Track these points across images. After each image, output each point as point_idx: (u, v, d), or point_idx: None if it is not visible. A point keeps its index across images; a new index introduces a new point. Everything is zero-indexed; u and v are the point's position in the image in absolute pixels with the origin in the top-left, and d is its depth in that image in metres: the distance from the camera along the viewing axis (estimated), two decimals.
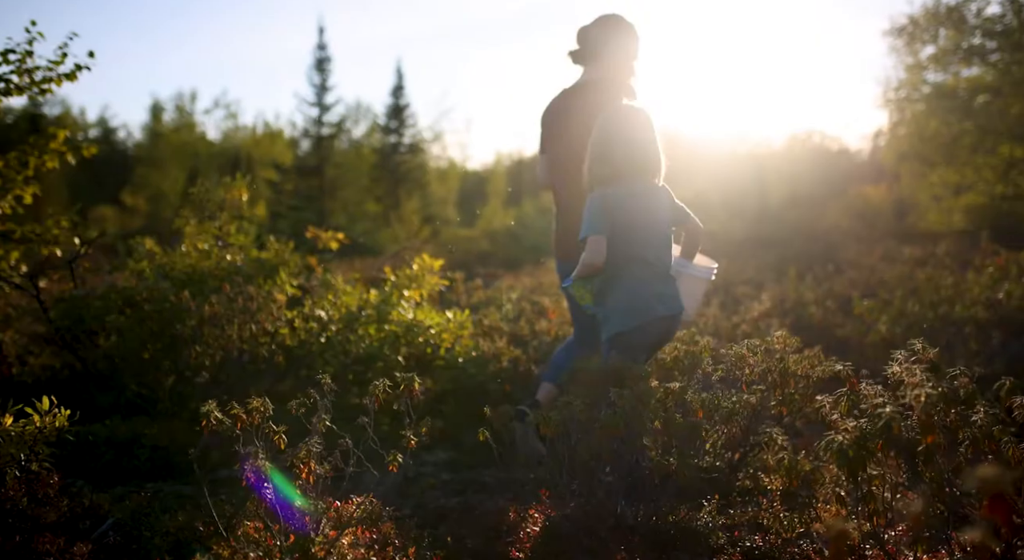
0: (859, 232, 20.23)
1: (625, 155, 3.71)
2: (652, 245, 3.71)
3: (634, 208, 3.68)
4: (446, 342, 5.24)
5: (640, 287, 3.67)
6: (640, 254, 3.68)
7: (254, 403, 2.88)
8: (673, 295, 3.74)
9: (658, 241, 3.74)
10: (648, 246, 3.70)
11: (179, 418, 4.50)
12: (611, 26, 4.37)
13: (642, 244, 3.68)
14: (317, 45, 37.36)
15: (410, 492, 4.22)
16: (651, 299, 3.66)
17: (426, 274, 5.73)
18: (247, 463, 2.59)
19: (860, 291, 9.80)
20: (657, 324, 3.67)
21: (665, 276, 3.75)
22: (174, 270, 5.53)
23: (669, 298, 3.71)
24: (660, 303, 3.67)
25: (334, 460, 2.85)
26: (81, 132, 59.41)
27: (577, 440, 3.12)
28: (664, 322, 3.69)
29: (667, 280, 3.75)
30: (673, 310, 3.71)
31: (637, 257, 3.68)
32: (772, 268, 13.25)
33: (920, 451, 2.49)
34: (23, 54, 6.64)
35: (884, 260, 12.89)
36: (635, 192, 3.71)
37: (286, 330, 5.01)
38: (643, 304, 3.65)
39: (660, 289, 3.70)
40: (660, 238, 3.75)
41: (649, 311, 3.64)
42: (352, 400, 5.06)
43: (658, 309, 3.65)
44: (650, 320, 3.64)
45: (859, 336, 7.36)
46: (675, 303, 3.73)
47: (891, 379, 2.72)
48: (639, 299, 3.66)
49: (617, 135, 3.74)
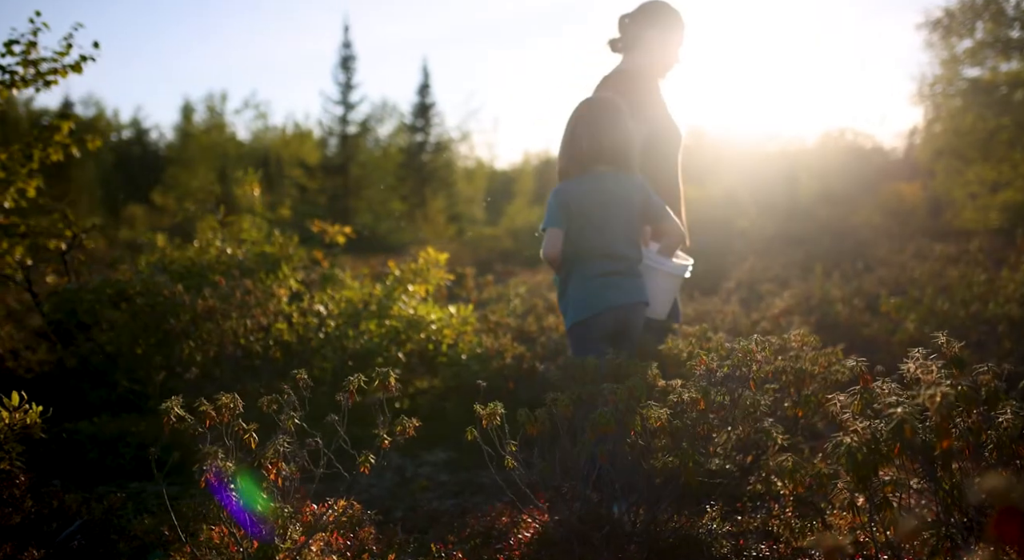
0: (891, 229, 19.77)
1: (588, 147, 3.66)
2: (613, 237, 3.64)
3: (594, 201, 3.63)
4: (448, 338, 5.04)
5: (595, 278, 3.63)
6: (598, 246, 3.63)
7: (223, 400, 2.70)
8: (633, 287, 3.67)
9: (621, 233, 3.66)
10: (608, 238, 3.63)
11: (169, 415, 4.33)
12: (650, 14, 4.21)
13: (600, 236, 3.63)
14: (342, 43, 37.30)
15: (404, 494, 4.03)
16: (605, 290, 3.61)
17: (431, 268, 5.53)
18: (207, 465, 2.41)
19: (889, 289, 9.51)
20: (610, 315, 3.61)
21: (628, 268, 3.68)
22: (173, 264, 5.38)
23: (628, 289, 3.65)
24: (615, 293, 3.61)
25: (301, 459, 2.65)
26: (114, 133, 59.98)
27: (566, 440, 2.91)
28: (618, 312, 3.62)
29: (630, 273, 3.68)
30: (628, 300, 3.63)
31: (596, 249, 3.63)
32: (799, 265, 12.92)
33: (937, 456, 2.26)
34: (27, 45, 6.54)
35: (916, 257, 12.52)
36: (597, 185, 3.65)
37: (283, 325, 4.83)
38: (596, 295, 3.61)
39: (618, 281, 3.64)
40: (622, 230, 3.66)
41: (602, 301, 3.60)
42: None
43: (611, 299, 3.60)
44: (602, 311, 3.60)
45: (886, 335, 7.09)
46: (633, 294, 3.65)
47: (907, 377, 2.49)
48: (593, 290, 3.63)
49: (581, 128, 3.70)
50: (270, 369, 4.77)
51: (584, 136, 3.68)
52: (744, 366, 3.10)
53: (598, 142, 3.65)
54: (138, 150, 55.67)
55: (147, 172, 48.71)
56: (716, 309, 7.65)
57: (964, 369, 2.49)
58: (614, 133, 3.67)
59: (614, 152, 3.67)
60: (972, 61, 19.87)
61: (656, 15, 4.20)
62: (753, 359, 3.10)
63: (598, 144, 3.66)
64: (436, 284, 5.63)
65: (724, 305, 8.07)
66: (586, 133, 3.67)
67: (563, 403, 2.82)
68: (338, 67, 37.10)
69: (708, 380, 3.04)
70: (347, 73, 36.92)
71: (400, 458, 4.49)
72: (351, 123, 37.30)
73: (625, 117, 3.72)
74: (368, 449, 2.83)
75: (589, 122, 3.70)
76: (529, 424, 2.82)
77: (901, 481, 2.44)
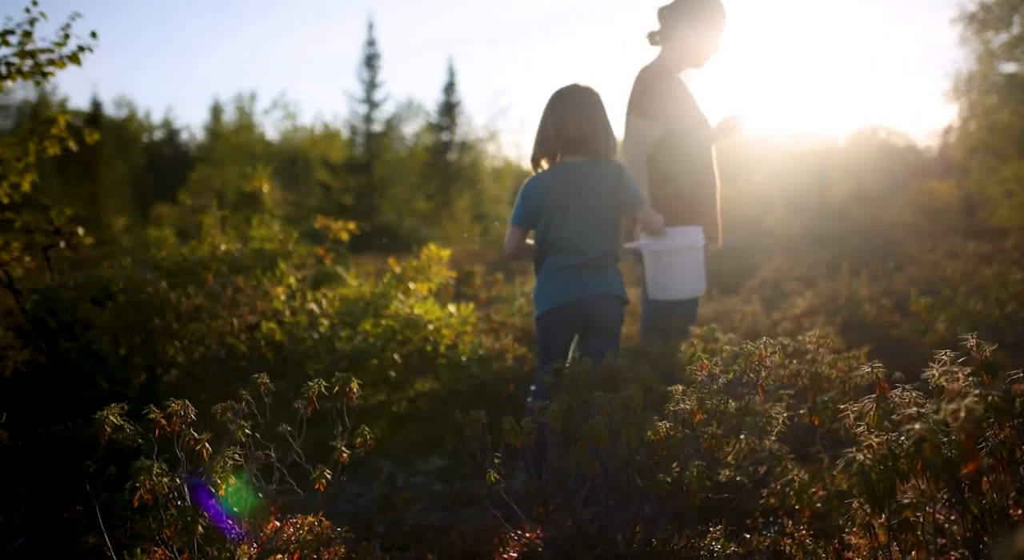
0: (923, 228, 19.28)
1: (555, 135, 3.63)
2: (577, 230, 3.58)
3: (560, 193, 3.60)
4: (447, 339, 4.78)
5: (558, 272, 3.60)
6: (562, 240, 3.59)
7: (173, 406, 2.46)
8: (596, 280, 3.59)
9: (587, 225, 3.59)
10: (572, 231, 3.58)
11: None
12: (686, 4, 4.09)
13: (564, 229, 3.59)
14: (366, 41, 37.11)
15: (391, 505, 3.78)
16: (566, 283, 3.57)
17: (433, 265, 5.28)
18: (140, 481, 2.17)
19: (920, 288, 9.15)
20: (570, 308, 3.56)
21: (594, 261, 3.60)
22: (164, 261, 5.17)
23: (589, 282, 3.58)
24: (573, 287, 3.56)
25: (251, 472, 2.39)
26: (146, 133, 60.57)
27: (555, 453, 2.65)
28: (578, 306, 3.56)
29: (596, 266, 3.60)
30: (587, 294, 3.56)
31: (559, 242, 3.59)
32: (826, 264, 12.53)
33: (964, 476, 1.97)
34: (23, 35, 6.36)
35: (948, 256, 12.11)
36: (563, 176, 3.62)
37: (273, 324, 4.60)
38: (557, 288, 3.59)
39: (579, 274, 3.58)
40: (590, 222, 3.60)
41: (560, 295, 3.57)
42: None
43: (569, 293, 3.56)
44: (560, 304, 3.56)
45: (916, 336, 6.75)
46: (594, 287, 3.58)
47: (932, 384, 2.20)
48: (554, 283, 3.61)
49: (550, 115, 3.67)
50: (259, 370, 4.53)
51: (551, 124, 3.64)
52: (752, 371, 2.81)
53: (565, 129, 3.61)
54: (169, 150, 56.15)
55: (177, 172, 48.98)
56: (735, 309, 7.34)
57: (996, 376, 2.19)
58: (581, 121, 3.61)
59: (582, 140, 3.61)
60: (1008, 56, 19.37)
61: (692, 5, 4.09)
62: (761, 364, 2.80)
63: (565, 131, 3.61)
64: (439, 282, 5.38)
65: (744, 305, 7.76)
66: (553, 121, 3.63)
67: (552, 414, 2.55)
68: (362, 65, 37.08)
69: (709, 387, 2.75)
70: (371, 71, 36.83)
71: (392, 466, 4.24)
72: (375, 121, 37.20)
73: (596, 104, 3.66)
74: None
75: (558, 110, 3.65)
76: (513, 435, 2.55)
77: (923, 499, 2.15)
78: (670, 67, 4.10)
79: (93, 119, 45.15)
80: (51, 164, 45.20)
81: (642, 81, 4.05)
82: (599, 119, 3.63)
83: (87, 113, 45.92)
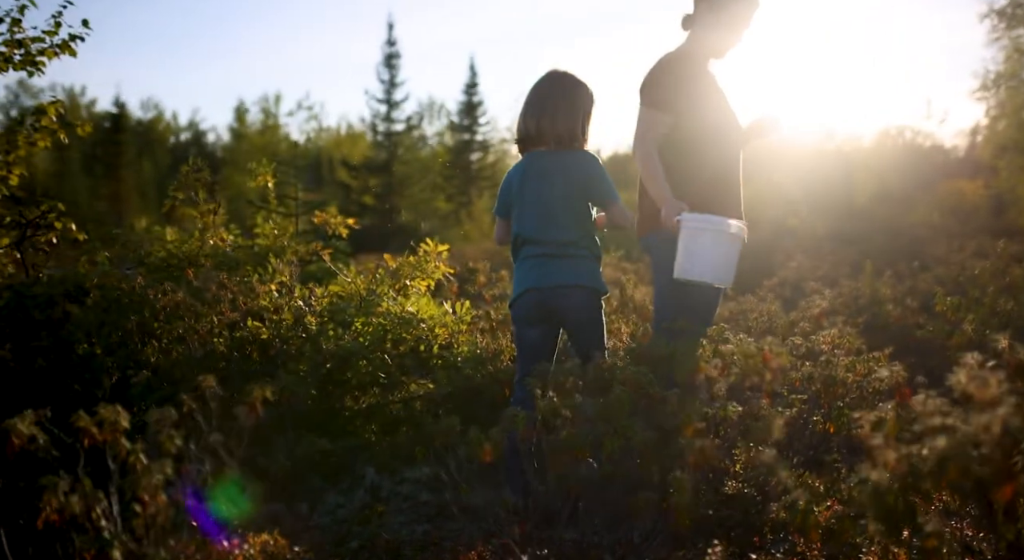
0: (950, 228, 18.84)
1: (526, 123, 3.62)
2: (542, 219, 3.54)
3: (526, 183, 3.59)
4: (441, 338, 4.51)
5: (524, 261, 3.59)
6: (527, 229, 3.57)
7: (103, 413, 2.21)
8: (556, 269, 3.50)
9: (552, 214, 3.54)
10: (536, 221, 3.55)
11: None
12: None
13: (529, 219, 3.57)
14: (386, 41, 36.88)
15: (371, 517, 3.51)
16: (528, 272, 3.55)
17: (431, 261, 5.01)
18: (44, 501, 1.91)
19: (947, 288, 8.79)
20: (530, 298, 3.52)
21: (558, 250, 3.51)
22: (150, 256, 4.94)
23: (549, 271, 3.51)
24: (533, 275, 3.52)
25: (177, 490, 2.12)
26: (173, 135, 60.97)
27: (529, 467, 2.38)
28: (536, 295, 3.51)
29: (560, 254, 3.52)
30: (545, 283, 3.49)
31: (525, 232, 3.58)
32: (850, 264, 12.18)
33: (997, 498, 1.68)
34: (12, 22, 6.15)
35: (976, 256, 11.73)
36: (531, 166, 3.60)
37: (258, 323, 4.34)
38: (518, 278, 3.60)
39: (541, 262, 3.52)
40: (556, 210, 3.54)
41: (520, 284, 3.56)
42: (333, 404, 4.40)
43: (527, 282, 3.53)
44: (520, 293, 3.54)
45: (942, 337, 6.41)
46: (553, 276, 3.49)
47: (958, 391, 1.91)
48: (517, 273, 3.62)
49: (526, 102, 3.65)
50: (243, 371, 4.29)
51: (524, 111, 3.64)
52: (755, 374, 2.51)
53: (523, 120, 3.62)
54: (195, 151, 56.44)
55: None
56: (752, 308, 7.03)
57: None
58: (552, 109, 3.58)
59: (537, 130, 3.59)
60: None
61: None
62: (767, 366, 2.51)
63: (522, 122, 3.63)
64: (438, 278, 5.11)
65: (761, 304, 7.44)
66: (527, 108, 3.63)
67: (521, 423, 2.28)
68: (382, 64, 36.89)
69: (709, 391, 2.46)
70: (391, 70, 36.68)
71: (377, 474, 3.97)
72: (395, 121, 36.98)
73: (575, 92, 3.63)
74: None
75: (534, 97, 3.64)
76: (478, 446, 2.28)
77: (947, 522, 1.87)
78: (695, 55, 3.83)
79: (116, 119, 45.40)
80: (78, 164, 45.53)
81: (658, 67, 3.78)
82: (560, 108, 3.57)
83: (112, 114, 46.16)
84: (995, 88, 20.19)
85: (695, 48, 3.83)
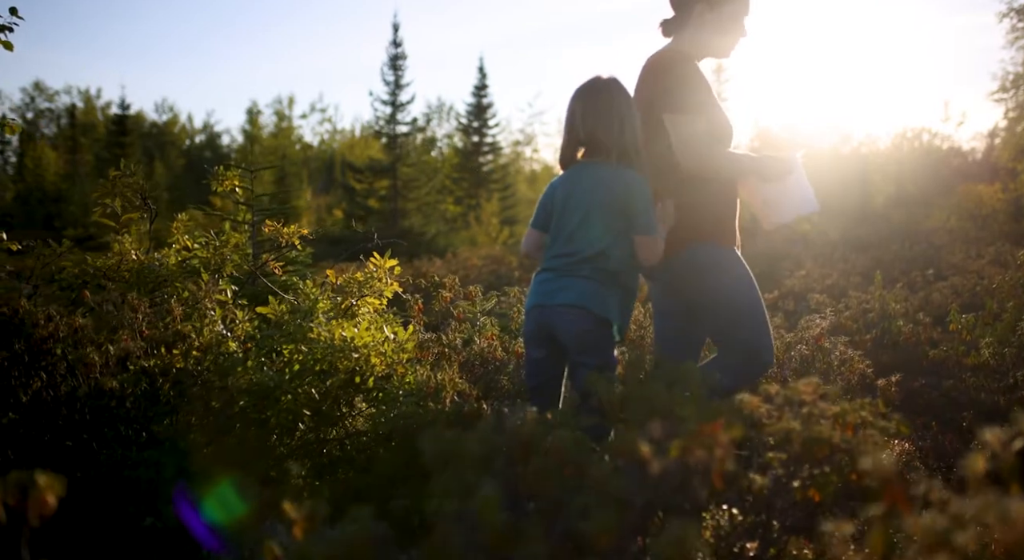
0: (968, 234, 18.22)
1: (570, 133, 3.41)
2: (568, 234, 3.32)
3: (563, 196, 3.39)
4: (378, 369, 3.94)
5: (534, 277, 3.45)
6: (553, 244, 3.38)
7: None
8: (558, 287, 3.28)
9: (583, 230, 3.30)
10: (563, 236, 3.34)
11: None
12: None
13: (556, 233, 3.38)
14: (392, 42, 36.33)
15: None
16: (536, 286, 3.38)
17: (381, 278, 4.46)
18: None
19: (963, 300, 8.22)
20: (533, 314, 3.35)
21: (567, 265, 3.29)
22: (63, 273, 4.41)
23: (549, 289, 3.30)
24: (540, 291, 3.34)
25: None
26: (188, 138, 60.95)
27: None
28: (535, 314, 3.33)
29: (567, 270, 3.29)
30: (549, 301, 3.28)
31: (551, 247, 3.39)
32: (861, 273, 11.54)
33: None
34: None
35: (995, 264, 11.11)
36: (571, 178, 3.40)
37: (166, 353, 3.79)
38: (529, 293, 3.44)
39: (547, 277, 3.34)
40: (588, 226, 3.30)
41: (529, 299, 3.41)
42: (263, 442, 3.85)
43: (534, 296, 3.36)
44: (528, 309, 3.40)
45: (956, 357, 5.84)
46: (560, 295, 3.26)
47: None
48: (530, 288, 3.46)
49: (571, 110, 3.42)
50: (140, 410, 3.72)
51: (569, 120, 3.41)
52: (704, 449, 1.95)
53: (579, 127, 3.35)
54: (209, 154, 56.35)
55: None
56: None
57: None
58: (597, 118, 3.32)
59: (593, 140, 3.33)
60: None
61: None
62: (715, 442, 1.93)
63: (579, 130, 3.35)
64: (389, 297, 4.56)
65: None
66: (571, 116, 3.39)
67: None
68: (387, 66, 36.36)
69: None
70: (396, 72, 36.15)
71: (288, 532, 3.42)
72: (400, 123, 36.45)
73: (620, 101, 3.32)
74: None
75: (578, 105, 3.38)
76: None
77: None
78: (690, 55, 3.62)
79: (121, 121, 45.24)
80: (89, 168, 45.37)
81: (662, 70, 3.56)
82: (627, 117, 3.31)
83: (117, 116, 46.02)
84: (1014, 89, 19.79)
85: (689, 48, 3.64)
